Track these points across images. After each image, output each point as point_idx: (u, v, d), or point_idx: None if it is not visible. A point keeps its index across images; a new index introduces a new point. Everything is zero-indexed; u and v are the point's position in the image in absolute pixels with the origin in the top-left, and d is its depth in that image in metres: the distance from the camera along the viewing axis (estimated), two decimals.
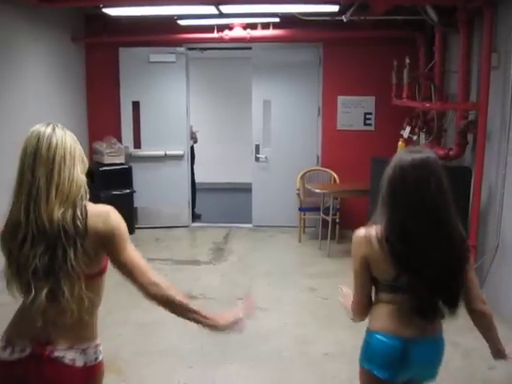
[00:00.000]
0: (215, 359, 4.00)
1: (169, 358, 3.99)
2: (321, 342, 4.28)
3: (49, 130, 1.94)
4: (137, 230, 7.50)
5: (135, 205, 7.55)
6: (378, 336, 2.19)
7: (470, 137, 5.41)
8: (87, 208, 1.91)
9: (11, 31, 5.64)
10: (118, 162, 7.34)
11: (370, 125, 7.45)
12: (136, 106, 7.68)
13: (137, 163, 7.62)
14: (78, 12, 7.22)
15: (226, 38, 7.15)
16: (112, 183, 7.22)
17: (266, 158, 7.86)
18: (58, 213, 1.84)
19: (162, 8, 6.03)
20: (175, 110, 7.67)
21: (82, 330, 1.97)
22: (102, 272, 2.01)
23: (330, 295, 4.97)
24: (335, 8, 5.89)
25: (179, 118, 7.72)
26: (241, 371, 3.86)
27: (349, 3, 5.63)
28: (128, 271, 1.97)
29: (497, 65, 4.92)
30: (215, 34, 7.15)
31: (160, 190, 7.62)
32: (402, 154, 2.17)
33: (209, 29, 7.12)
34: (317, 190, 6.75)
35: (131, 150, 7.68)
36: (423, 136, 6.06)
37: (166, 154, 7.69)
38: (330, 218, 6.57)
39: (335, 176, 7.37)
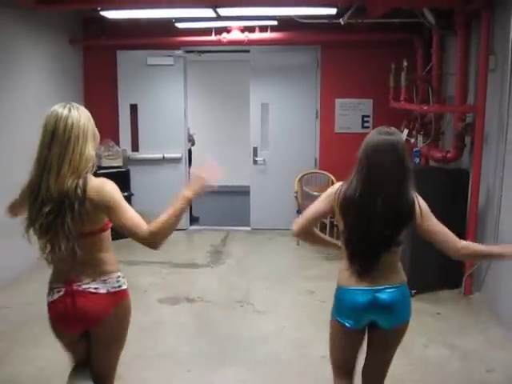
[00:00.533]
0: (213, 362, 3.99)
1: (167, 362, 3.99)
2: (318, 344, 4.26)
3: (65, 111, 2.33)
4: None
5: (133, 208, 7.51)
6: (341, 290, 2.65)
7: (467, 139, 5.41)
8: (87, 180, 2.30)
9: (9, 34, 5.64)
10: (115, 165, 7.33)
11: (367, 127, 7.44)
12: (134, 108, 7.67)
13: (135, 166, 7.61)
14: (76, 15, 7.22)
15: (224, 40, 7.15)
16: None
17: (263, 160, 7.86)
18: (68, 183, 2.26)
19: (159, 11, 6.03)
20: (173, 113, 7.67)
21: (98, 268, 2.44)
22: (103, 229, 2.44)
23: (328, 298, 4.93)
24: (333, 11, 5.90)
25: (177, 120, 7.72)
26: (239, 374, 3.85)
27: (346, 6, 5.64)
28: (125, 231, 2.33)
29: (494, 67, 4.93)
30: (213, 37, 7.15)
31: (158, 193, 7.59)
32: (372, 136, 2.59)
33: (207, 32, 7.12)
34: (315, 193, 6.74)
35: (129, 152, 7.67)
36: (421, 139, 6.07)
37: (163, 157, 7.69)
38: (327, 221, 6.57)
39: (333, 179, 7.36)
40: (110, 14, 6.26)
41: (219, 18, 6.20)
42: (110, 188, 2.34)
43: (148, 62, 7.52)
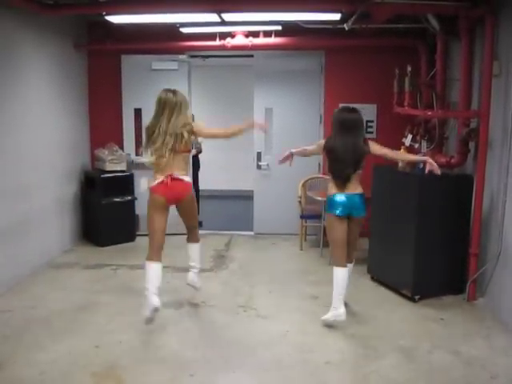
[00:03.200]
0: (216, 367, 3.98)
1: (170, 366, 3.98)
2: (322, 350, 4.26)
3: (170, 92, 4.52)
4: (138, 238, 7.49)
5: (136, 212, 7.54)
6: (331, 196, 4.66)
7: (471, 144, 5.41)
8: (191, 123, 4.64)
9: (14, 38, 5.66)
10: (119, 169, 7.34)
11: (371, 133, 7.44)
12: (138, 113, 7.67)
13: (138, 170, 7.61)
14: (80, 19, 7.25)
15: (228, 45, 7.17)
16: (113, 190, 7.23)
17: (267, 165, 7.86)
18: (179, 126, 4.45)
19: (164, 16, 6.05)
20: None
21: (183, 169, 4.61)
22: (190, 150, 4.77)
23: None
24: (337, 16, 5.91)
25: None
26: (242, 379, 3.84)
27: (350, 12, 5.64)
28: (211, 136, 5.10)
29: (498, 73, 4.93)
30: (217, 42, 7.17)
31: None
32: (340, 109, 4.87)
33: (211, 37, 7.14)
34: (318, 198, 6.74)
35: (133, 157, 7.68)
36: (425, 144, 6.05)
37: None
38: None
39: None
40: (115, 19, 6.28)
41: (224, 22, 6.22)
42: (200, 122, 5.03)
43: (152, 67, 7.54)
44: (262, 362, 4.06)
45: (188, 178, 4.63)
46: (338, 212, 4.59)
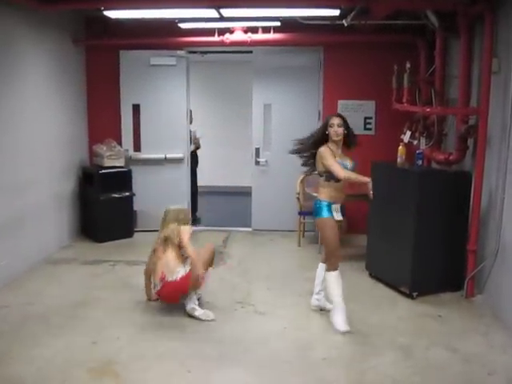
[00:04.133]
0: (214, 363, 3.97)
1: (167, 362, 3.97)
2: (320, 346, 4.26)
3: (173, 207, 5.07)
4: (136, 234, 7.48)
5: (135, 208, 7.54)
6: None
7: (470, 141, 5.40)
8: (180, 228, 4.80)
9: (12, 33, 5.64)
10: (117, 164, 7.32)
11: (370, 129, 7.45)
12: (136, 108, 7.67)
13: (136, 166, 7.61)
14: (78, 14, 7.23)
15: (227, 41, 7.15)
16: (111, 186, 7.21)
17: (266, 161, 7.85)
18: (170, 229, 4.85)
19: (162, 11, 6.03)
20: (175, 114, 7.67)
21: (177, 268, 4.72)
22: (181, 246, 4.74)
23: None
24: (336, 12, 5.89)
25: (179, 121, 7.71)
26: (240, 375, 3.83)
27: (350, 7, 5.63)
28: (184, 247, 4.73)
29: (497, 70, 4.92)
30: (216, 38, 7.16)
31: (160, 193, 7.60)
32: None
33: (210, 32, 7.13)
34: (316, 194, 6.73)
35: (131, 152, 7.67)
36: (423, 141, 6.05)
37: (165, 158, 7.69)
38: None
39: None
40: (113, 14, 6.27)
41: (222, 18, 6.21)
42: (185, 233, 4.79)
43: (151, 62, 7.52)
44: (259, 358, 4.06)
45: (182, 273, 4.67)
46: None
